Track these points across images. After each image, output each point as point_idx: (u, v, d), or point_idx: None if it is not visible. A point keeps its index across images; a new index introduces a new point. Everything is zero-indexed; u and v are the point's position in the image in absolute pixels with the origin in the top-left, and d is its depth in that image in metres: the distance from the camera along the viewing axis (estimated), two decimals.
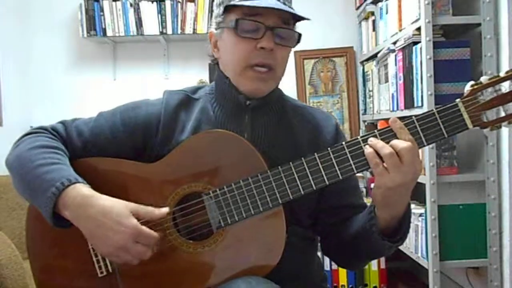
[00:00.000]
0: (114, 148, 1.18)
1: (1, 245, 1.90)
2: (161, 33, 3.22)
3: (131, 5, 3.22)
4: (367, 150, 1.01)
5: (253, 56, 1.12)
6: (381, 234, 1.06)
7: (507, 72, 1.00)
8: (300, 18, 1.14)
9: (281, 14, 1.11)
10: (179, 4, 3.22)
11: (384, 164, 0.99)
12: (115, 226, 1.00)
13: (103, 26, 3.21)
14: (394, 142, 0.99)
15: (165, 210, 1.06)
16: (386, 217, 1.06)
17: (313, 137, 1.21)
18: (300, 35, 1.16)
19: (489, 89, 1.00)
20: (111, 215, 1.01)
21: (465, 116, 1.00)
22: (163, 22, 3.22)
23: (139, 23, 3.21)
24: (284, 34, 1.13)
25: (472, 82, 1.02)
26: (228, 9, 1.13)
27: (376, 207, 1.06)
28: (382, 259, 2.88)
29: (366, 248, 1.13)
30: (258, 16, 1.10)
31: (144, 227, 1.01)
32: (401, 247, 2.50)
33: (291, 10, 1.11)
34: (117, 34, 3.22)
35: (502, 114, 1.00)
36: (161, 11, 3.22)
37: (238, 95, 1.17)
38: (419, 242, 2.29)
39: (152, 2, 3.22)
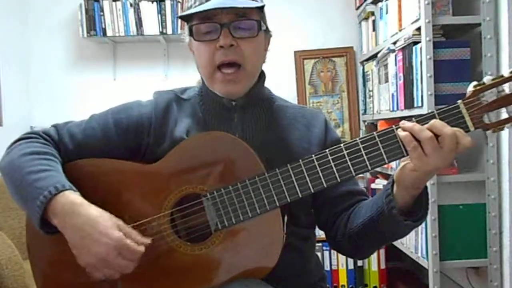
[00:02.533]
0: (107, 149, 1.17)
1: (1, 245, 1.90)
2: (161, 33, 3.22)
3: (131, 5, 3.21)
4: (402, 133, 0.97)
5: (216, 57, 1.12)
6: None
7: (511, 72, 0.96)
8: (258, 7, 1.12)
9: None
10: (179, 4, 3.21)
11: (423, 147, 0.95)
12: (99, 237, 0.99)
13: (103, 26, 3.21)
14: (435, 125, 0.95)
15: (147, 241, 1.03)
16: (406, 198, 1.02)
17: (304, 134, 1.21)
18: (260, 22, 1.14)
19: (492, 90, 0.96)
20: (97, 225, 1.00)
21: (467, 118, 0.97)
22: (163, 22, 3.21)
23: (139, 23, 3.21)
24: (243, 26, 1.12)
25: (475, 83, 0.98)
26: (185, 19, 1.16)
27: (399, 188, 1.02)
28: (382, 259, 2.89)
29: (383, 232, 1.10)
30: (211, 17, 1.10)
31: (128, 241, 1.00)
32: (401, 247, 2.50)
33: (235, 5, 1.08)
34: (117, 34, 3.21)
35: (505, 115, 0.97)
36: (161, 11, 3.21)
37: (221, 99, 1.18)
38: (419, 242, 2.29)
39: (152, 2, 3.21)
